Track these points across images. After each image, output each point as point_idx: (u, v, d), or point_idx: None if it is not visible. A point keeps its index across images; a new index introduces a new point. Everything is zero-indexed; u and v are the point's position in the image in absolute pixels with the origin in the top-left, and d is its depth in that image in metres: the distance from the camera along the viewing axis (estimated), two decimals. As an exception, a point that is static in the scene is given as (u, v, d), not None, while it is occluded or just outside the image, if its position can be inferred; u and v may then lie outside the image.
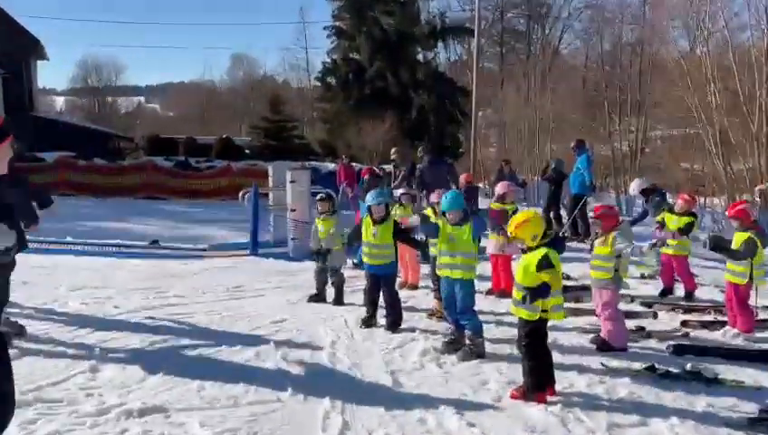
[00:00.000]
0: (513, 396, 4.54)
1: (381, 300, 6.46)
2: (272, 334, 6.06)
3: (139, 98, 78.60)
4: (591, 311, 6.41)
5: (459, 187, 10.62)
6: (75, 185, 21.38)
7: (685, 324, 6.57)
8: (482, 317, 5.69)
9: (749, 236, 6.21)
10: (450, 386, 4.81)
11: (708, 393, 4.69)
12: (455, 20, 39.07)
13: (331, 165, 22.69)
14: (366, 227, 6.52)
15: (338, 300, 7.38)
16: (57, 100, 64.68)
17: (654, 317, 6.90)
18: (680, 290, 7.91)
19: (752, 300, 6.30)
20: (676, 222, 7.74)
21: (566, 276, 7.48)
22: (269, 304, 7.33)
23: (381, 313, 6.45)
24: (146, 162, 23.31)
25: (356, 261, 8.74)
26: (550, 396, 4.51)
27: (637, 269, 8.89)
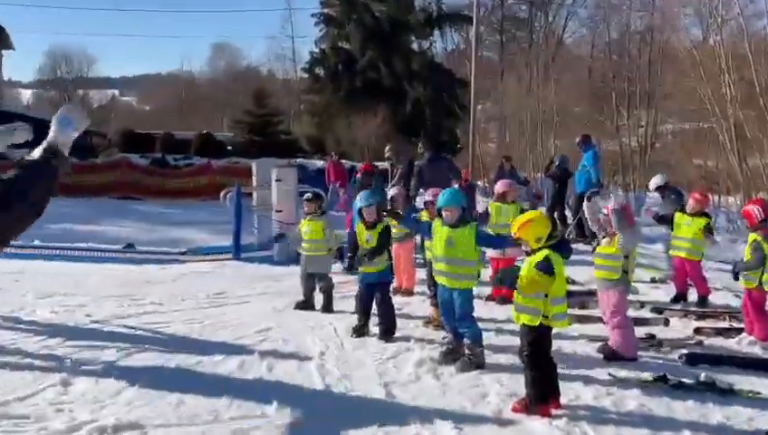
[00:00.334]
0: (515, 409, 4.54)
1: (374, 307, 6.46)
2: (256, 344, 6.04)
3: (113, 91, 78.37)
4: (598, 318, 6.41)
5: (461, 183, 10.59)
6: (43, 184, 21.27)
7: (698, 332, 6.58)
8: (481, 325, 5.68)
9: (754, 239, 6.25)
10: (448, 399, 4.81)
11: (723, 405, 4.69)
12: (452, 6, 39.31)
13: (320, 162, 22.74)
14: (359, 232, 6.51)
15: (327, 307, 7.37)
16: (24, 93, 64.51)
17: (665, 324, 6.91)
18: (693, 295, 7.93)
19: (768, 305, 6.33)
20: (690, 223, 7.76)
21: (571, 281, 7.48)
22: (253, 312, 7.32)
23: (374, 321, 6.45)
24: (120, 159, 23.24)
25: (345, 265, 8.72)
26: (554, 409, 4.51)
27: (647, 273, 8.92)
